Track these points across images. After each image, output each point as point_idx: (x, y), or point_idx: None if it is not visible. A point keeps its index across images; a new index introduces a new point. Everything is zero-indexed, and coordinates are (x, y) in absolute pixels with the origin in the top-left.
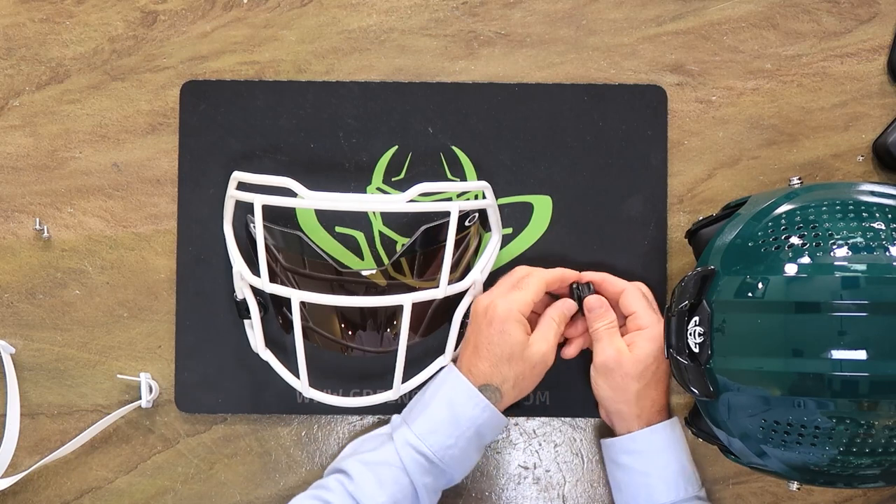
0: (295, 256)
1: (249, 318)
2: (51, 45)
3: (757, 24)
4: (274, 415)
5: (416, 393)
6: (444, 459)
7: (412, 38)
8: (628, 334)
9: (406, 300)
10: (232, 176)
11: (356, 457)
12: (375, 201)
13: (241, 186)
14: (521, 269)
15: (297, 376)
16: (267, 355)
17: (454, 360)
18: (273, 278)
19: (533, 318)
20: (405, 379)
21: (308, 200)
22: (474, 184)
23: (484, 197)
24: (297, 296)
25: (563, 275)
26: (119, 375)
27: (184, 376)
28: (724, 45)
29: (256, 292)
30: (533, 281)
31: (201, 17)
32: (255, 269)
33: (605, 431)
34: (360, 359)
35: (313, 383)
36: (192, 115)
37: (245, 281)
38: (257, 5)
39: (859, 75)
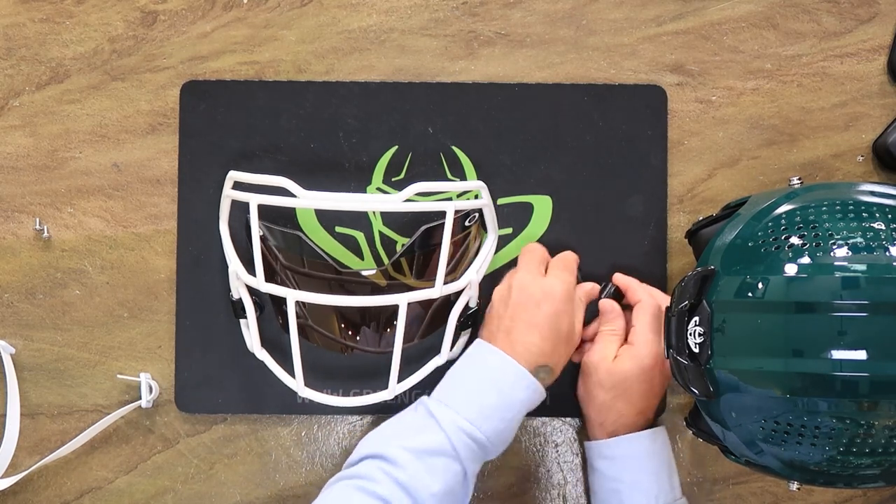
0: (295, 256)
1: (245, 317)
2: (51, 45)
3: (757, 24)
4: (274, 415)
5: (415, 390)
6: (496, 443)
7: (412, 38)
8: (623, 346)
9: (402, 300)
10: (228, 175)
11: (398, 442)
12: (371, 201)
13: (238, 186)
14: (537, 248)
15: (294, 376)
16: (263, 355)
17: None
18: (273, 278)
19: None
20: (403, 378)
21: (304, 200)
22: (470, 184)
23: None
24: (292, 295)
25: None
26: (119, 375)
27: (184, 376)
28: (724, 45)
29: (253, 292)
30: (573, 263)
31: (201, 17)
32: (253, 269)
33: None
34: (361, 359)
35: (313, 384)
36: (192, 115)
37: (241, 280)
38: (257, 5)
39: (859, 75)
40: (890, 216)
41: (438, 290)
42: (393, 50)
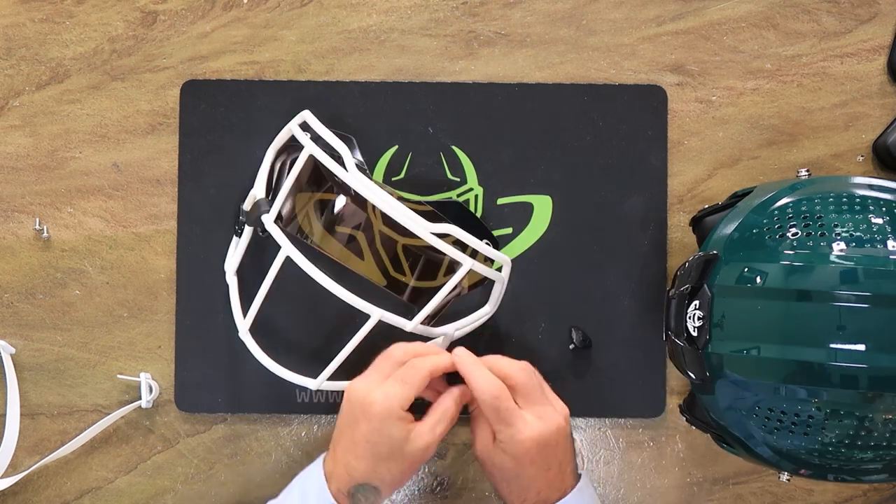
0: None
1: (240, 236)
2: (51, 45)
3: (757, 24)
4: (274, 415)
5: None
6: None
7: (412, 38)
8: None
9: (376, 313)
10: (301, 114)
11: None
12: (405, 216)
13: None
14: (398, 351)
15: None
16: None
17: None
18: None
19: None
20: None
21: (350, 176)
22: (499, 255)
23: (500, 269)
24: (286, 248)
25: (451, 360)
26: (119, 375)
27: (184, 376)
28: (724, 45)
29: (241, 216)
30: (417, 374)
31: (201, 17)
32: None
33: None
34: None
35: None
36: (192, 115)
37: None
38: (257, 5)
39: (859, 75)
40: (891, 210)
41: (413, 325)
42: (393, 50)
